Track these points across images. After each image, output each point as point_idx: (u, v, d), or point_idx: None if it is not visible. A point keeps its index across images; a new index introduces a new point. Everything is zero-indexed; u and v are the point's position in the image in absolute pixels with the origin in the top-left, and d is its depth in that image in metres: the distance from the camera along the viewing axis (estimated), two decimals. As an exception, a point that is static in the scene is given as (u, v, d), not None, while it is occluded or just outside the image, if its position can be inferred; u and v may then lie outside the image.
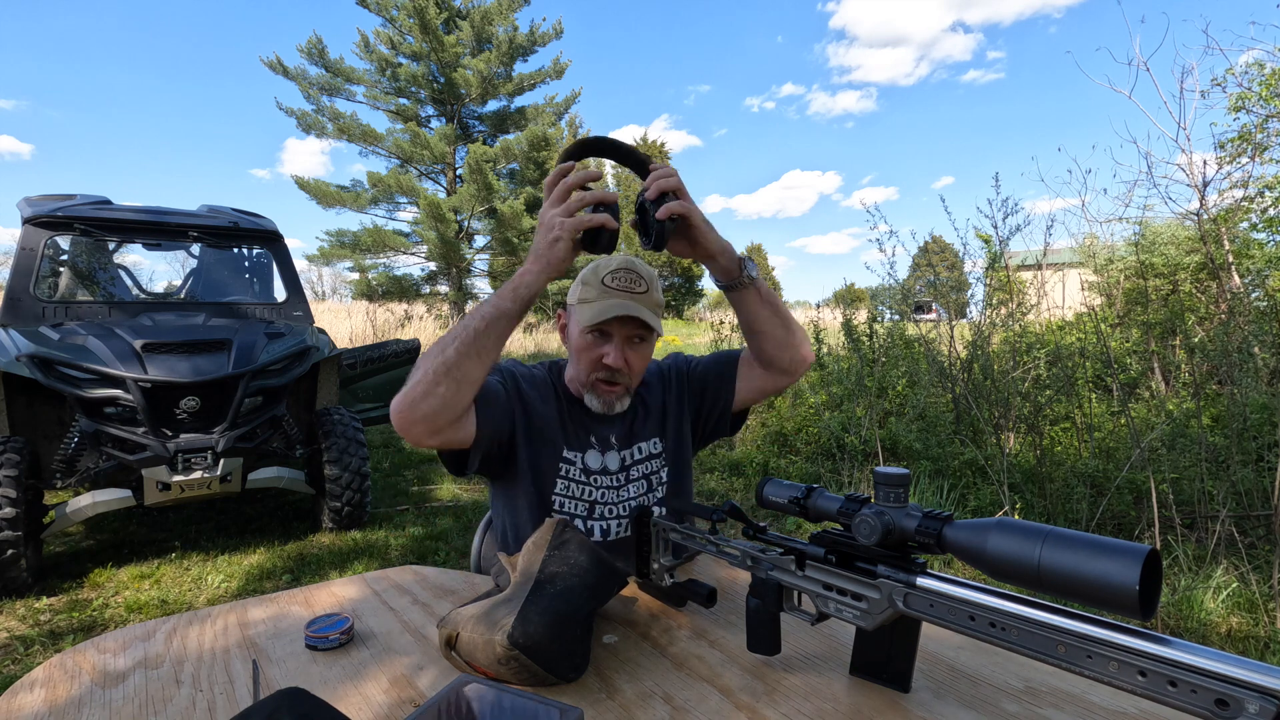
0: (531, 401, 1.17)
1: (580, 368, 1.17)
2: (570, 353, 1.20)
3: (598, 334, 1.15)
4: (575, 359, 1.19)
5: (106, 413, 2.94)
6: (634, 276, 1.15)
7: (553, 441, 1.16)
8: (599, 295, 1.13)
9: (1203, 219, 5.25)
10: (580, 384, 1.18)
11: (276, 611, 0.99)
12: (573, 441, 1.18)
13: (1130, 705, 0.70)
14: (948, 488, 3.70)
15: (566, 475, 1.16)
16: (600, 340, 1.15)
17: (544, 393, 1.20)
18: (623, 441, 1.22)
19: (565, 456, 1.16)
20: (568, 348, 1.22)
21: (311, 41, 14.50)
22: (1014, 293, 4.92)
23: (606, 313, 1.11)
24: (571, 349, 1.19)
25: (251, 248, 4.26)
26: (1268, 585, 2.50)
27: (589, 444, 1.19)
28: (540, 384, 1.21)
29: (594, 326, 1.13)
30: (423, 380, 0.93)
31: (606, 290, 1.13)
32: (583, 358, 1.16)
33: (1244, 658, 0.46)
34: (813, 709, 0.71)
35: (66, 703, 0.76)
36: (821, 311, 7.96)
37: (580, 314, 1.14)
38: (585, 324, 1.13)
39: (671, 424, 1.25)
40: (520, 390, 1.17)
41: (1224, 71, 5.82)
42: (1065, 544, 0.53)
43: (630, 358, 1.15)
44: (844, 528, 0.72)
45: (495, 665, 0.74)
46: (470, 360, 0.93)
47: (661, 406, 1.26)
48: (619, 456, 1.20)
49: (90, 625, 2.60)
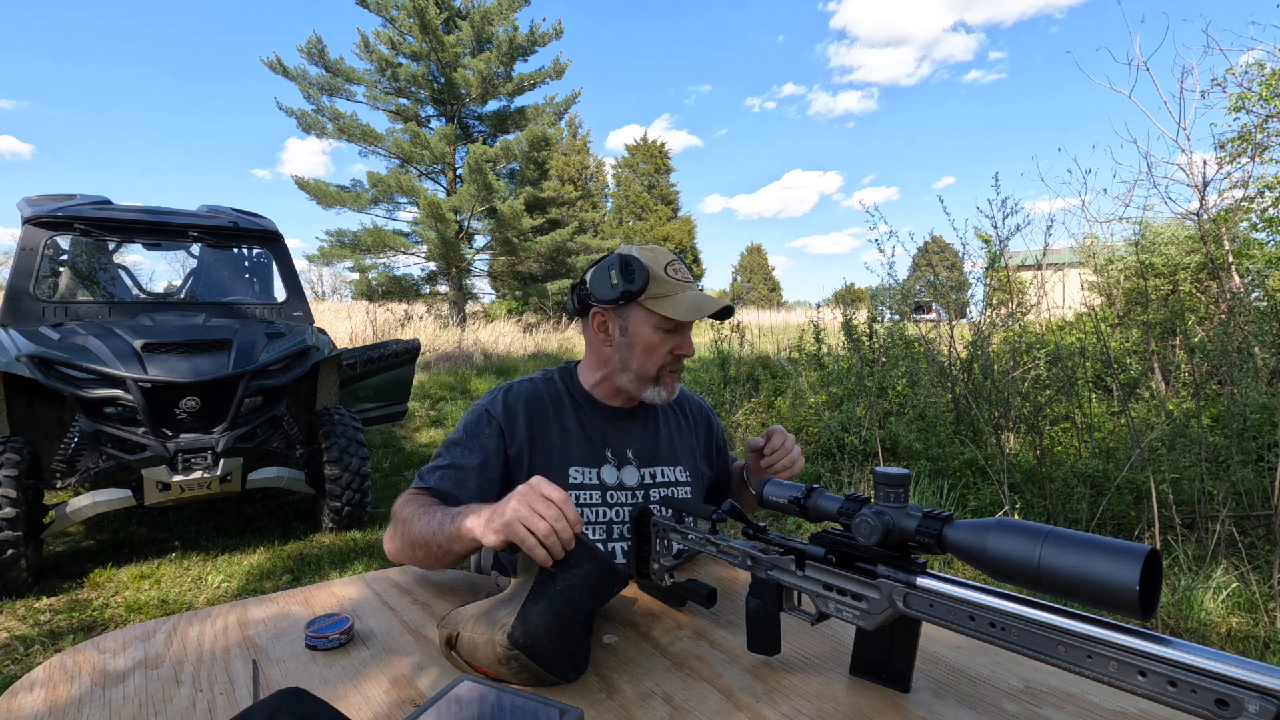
0: (524, 437, 1.14)
1: (648, 363, 1.13)
2: (626, 350, 1.14)
3: (670, 328, 1.12)
4: (640, 355, 1.13)
5: (106, 413, 2.94)
6: (683, 267, 1.16)
7: (552, 466, 1.14)
8: (673, 289, 1.10)
9: (1203, 219, 5.25)
10: (644, 379, 1.14)
11: (276, 611, 0.99)
12: (586, 457, 1.16)
13: (1130, 705, 0.70)
14: (948, 488, 3.70)
15: (578, 501, 1.13)
16: (671, 334, 1.13)
17: (555, 408, 1.18)
18: (642, 459, 1.20)
19: (573, 480, 1.14)
20: (609, 346, 1.16)
21: (311, 41, 14.49)
22: (1014, 293, 4.92)
23: (703, 308, 1.09)
24: (634, 345, 1.13)
25: (251, 248, 4.26)
26: (1268, 585, 2.50)
27: (604, 458, 1.17)
28: (549, 402, 1.18)
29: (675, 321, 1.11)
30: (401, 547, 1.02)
31: (677, 283, 1.11)
32: (654, 353, 1.13)
33: (1244, 658, 0.46)
34: (813, 709, 0.71)
35: (66, 703, 0.76)
36: (821, 311, 7.95)
37: (663, 309, 1.09)
38: (677, 318, 1.09)
39: (694, 460, 1.28)
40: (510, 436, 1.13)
41: (1224, 71, 5.82)
42: (1065, 544, 0.53)
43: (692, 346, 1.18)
44: (844, 528, 0.72)
45: (495, 665, 0.74)
46: (429, 561, 1.00)
47: (689, 440, 1.29)
48: (638, 474, 1.18)
49: (90, 625, 2.60)
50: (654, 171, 31.25)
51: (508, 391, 1.18)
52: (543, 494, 0.81)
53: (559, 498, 0.81)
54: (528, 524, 0.78)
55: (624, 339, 1.14)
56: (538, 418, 1.16)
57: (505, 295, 19.28)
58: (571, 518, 0.80)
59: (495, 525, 0.82)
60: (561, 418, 1.17)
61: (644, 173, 31.15)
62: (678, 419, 1.30)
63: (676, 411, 1.31)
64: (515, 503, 0.81)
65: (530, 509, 0.79)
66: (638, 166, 31.31)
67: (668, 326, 1.12)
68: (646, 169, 31.19)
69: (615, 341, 1.16)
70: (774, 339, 9.96)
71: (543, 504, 0.80)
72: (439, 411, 7.16)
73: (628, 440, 1.20)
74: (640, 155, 31.40)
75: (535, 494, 0.81)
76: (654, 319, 1.11)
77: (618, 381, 1.18)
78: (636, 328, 1.13)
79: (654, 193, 30.86)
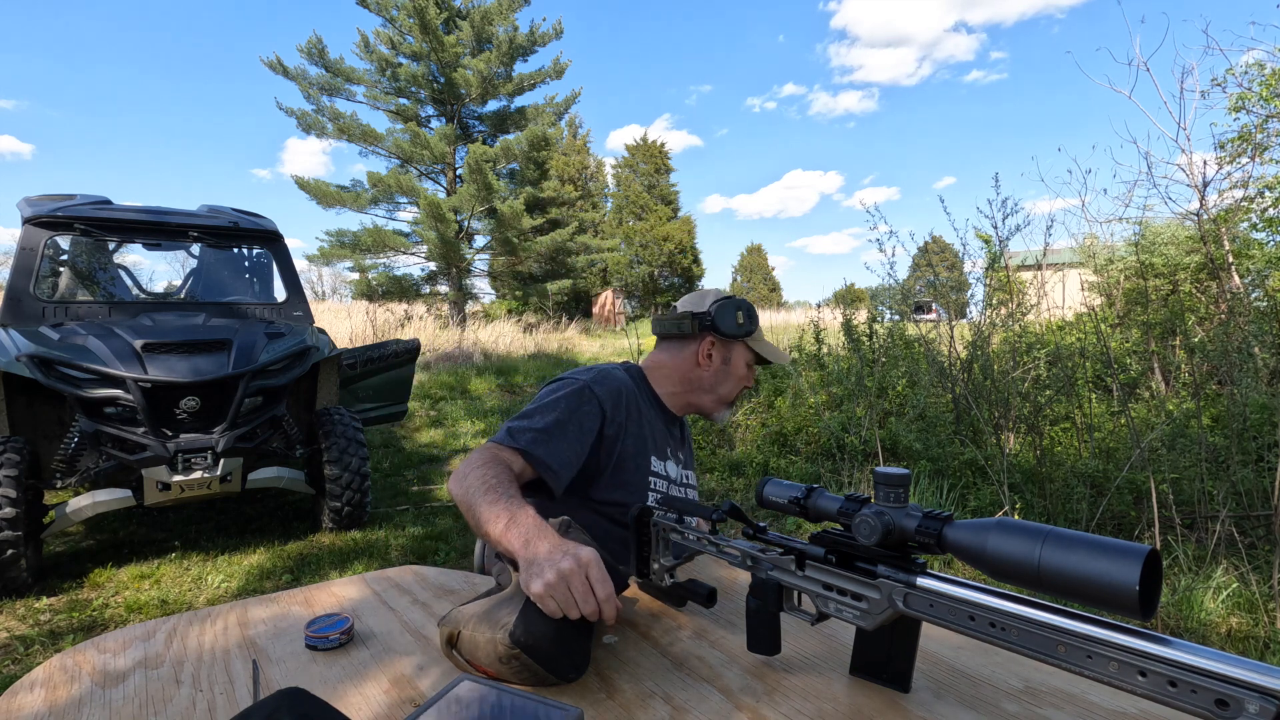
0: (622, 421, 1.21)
1: (734, 389, 1.35)
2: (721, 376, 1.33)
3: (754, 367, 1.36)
4: (730, 382, 1.34)
5: (106, 413, 2.94)
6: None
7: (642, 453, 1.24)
8: (760, 335, 1.35)
9: (1203, 219, 5.25)
10: (724, 403, 1.35)
11: (276, 611, 0.99)
12: (661, 451, 1.29)
13: (1130, 705, 0.70)
14: (948, 488, 3.70)
15: (655, 487, 1.24)
16: (752, 369, 1.36)
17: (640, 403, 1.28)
18: (682, 463, 1.36)
19: (655, 470, 1.25)
20: (703, 368, 1.33)
21: (311, 41, 14.49)
22: (1014, 293, 4.92)
23: (782, 357, 1.37)
24: (731, 374, 1.34)
25: (251, 248, 4.26)
26: (1268, 585, 2.50)
27: (667, 454, 1.31)
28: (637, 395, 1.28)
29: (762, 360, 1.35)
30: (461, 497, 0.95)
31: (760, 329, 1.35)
32: (740, 382, 1.35)
33: (1244, 658, 0.46)
34: (813, 709, 0.71)
35: (66, 703, 0.76)
36: (821, 311, 7.96)
37: (762, 350, 1.34)
38: (770, 360, 1.36)
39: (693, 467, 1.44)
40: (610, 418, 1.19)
41: (1224, 71, 5.82)
42: (1065, 544, 0.53)
43: None
44: (844, 528, 0.71)
45: (496, 664, 0.74)
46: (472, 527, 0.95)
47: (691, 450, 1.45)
48: (680, 473, 1.34)
49: (90, 625, 2.60)
50: (654, 171, 31.24)
51: (606, 375, 1.25)
52: (590, 577, 0.76)
53: (604, 595, 0.76)
54: (561, 604, 0.74)
55: (724, 367, 1.34)
56: (631, 407, 1.24)
57: (505, 295, 19.29)
58: (609, 619, 0.76)
59: (527, 579, 0.77)
60: (646, 413, 1.28)
61: (644, 173, 31.14)
62: (688, 430, 1.47)
63: (687, 427, 1.47)
64: (555, 576, 0.75)
65: (569, 592, 0.75)
66: (638, 166, 31.29)
67: (754, 365, 1.36)
68: (646, 169, 31.17)
69: (714, 368, 1.33)
70: (774, 339, 9.96)
71: (582, 592, 0.75)
72: (439, 411, 7.16)
73: (679, 442, 1.38)
74: (640, 155, 31.38)
75: (579, 575, 0.75)
76: (750, 356, 1.34)
77: (694, 399, 1.35)
78: (736, 360, 1.34)
79: (654, 193, 30.85)
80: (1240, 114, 5.73)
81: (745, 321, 1.31)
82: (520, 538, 0.82)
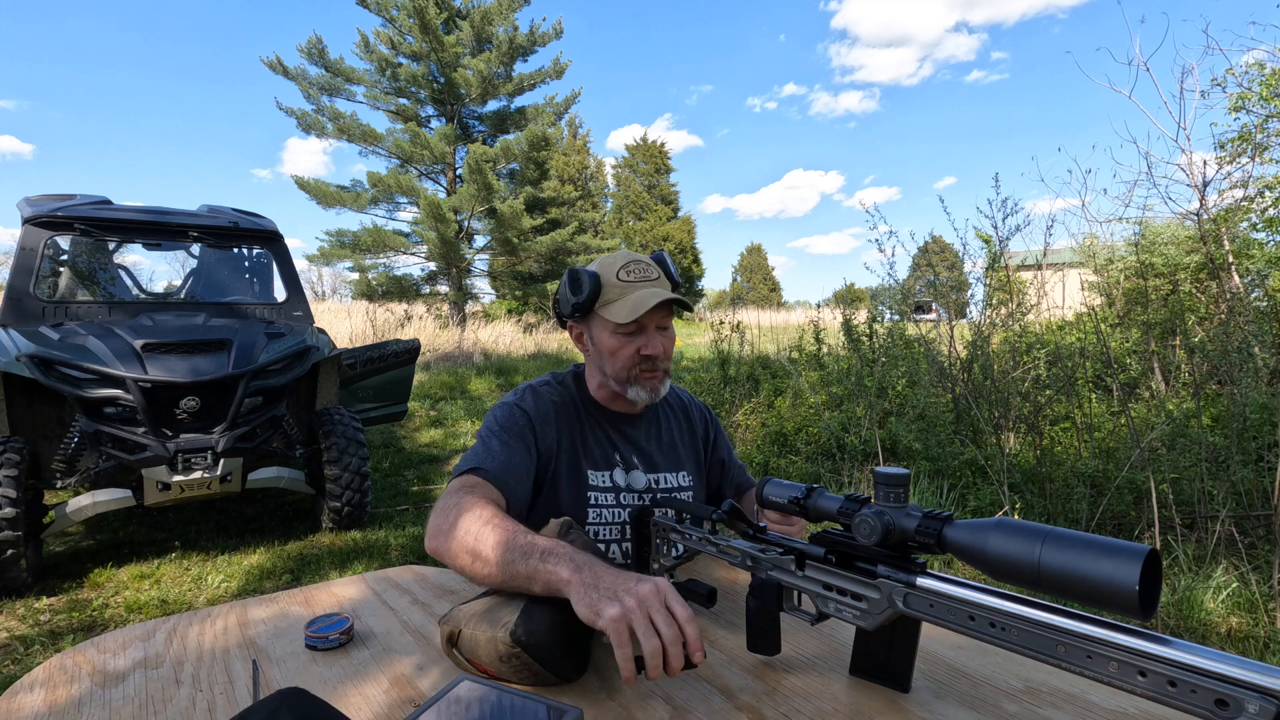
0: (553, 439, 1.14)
1: (617, 367, 1.15)
2: (599, 358, 1.18)
3: (629, 330, 1.13)
4: (609, 361, 1.15)
5: (106, 413, 2.94)
6: (644, 265, 1.16)
7: (576, 469, 1.15)
8: (622, 291, 1.12)
9: (1203, 219, 5.26)
10: (621, 382, 1.16)
11: (276, 611, 0.99)
12: (599, 460, 1.18)
13: (1130, 705, 0.70)
14: (948, 488, 3.70)
15: (596, 503, 1.15)
16: (633, 335, 1.14)
17: (567, 412, 1.18)
18: (648, 465, 1.22)
19: (591, 483, 1.15)
20: (589, 355, 1.21)
21: (311, 41, 14.48)
22: (1014, 293, 4.91)
23: (642, 305, 1.09)
24: (601, 353, 1.16)
25: (251, 248, 4.26)
26: (1268, 585, 2.50)
27: (614, 461, 1.19)
28: (567, 404, 1.19)
29: (631, 323, 1.11)
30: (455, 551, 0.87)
31: (627, 285, 1.12)
32: (618, 357, 1.14)
33: (1244, 658, 0.46)
34: (813, 709, 0.71)
35: (66, 703, 0.76)
36: (822, 311, 7.96)
37: (610, 315, 1.12)
38: (620, 322, 1.10)
39: (697, 464, 1.30)
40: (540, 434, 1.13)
41: (1224, 71, 5.82)
42: (1065, 544, 0.53)
43: (664, 343, 1.16)
44: (844, 528, 0.72)
45: (496, 663, 0.74)
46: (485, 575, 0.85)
47: (690, 443, 1.30)
48: (645, 478, 1.20)
49: (90, 625, 2.60)
50: (654, 171, 31.25)
51: (534, 391, 1.19)
52: (668, 605, 0.69)
53: (684, 617, 0.68)
54: (638, 631, 0.66)
55: (594, 348, 1.18)
56: (562, 418, 1.17)
57: (505, 295, 19.27)
58: (692, 644, 0.67)
59: (596, 605, 0.69)
60: (580, 421, 1.19)
61: (644, 173, 31.14)
62: (680, 423, 1.32)
63: (680, 416, 1.33)
64: (633, 601, 0.68)
65: (647, 618, 0.67)
66: (638, 166, 31.30)
67: (625, 330, 1.13)
68: (647, 169, 31.18)
69: (592, 351, 1.20)
70: (774, 339, 9.97)
71: (663, 618, 0.67)
72: (439, 411, 7.16)
73: (632, 444, 1.22)
74: (640, 155, 31.38)
75: (659, 601, 0.68)
76: (609, 325, 1.14)
77: (607, 388, 1.21)
78: (598, 335, 1.16)
79: (654, 193, 30.86)
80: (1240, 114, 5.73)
81: (571, 294, 1.14)
82: (569, 564, 0.75)
